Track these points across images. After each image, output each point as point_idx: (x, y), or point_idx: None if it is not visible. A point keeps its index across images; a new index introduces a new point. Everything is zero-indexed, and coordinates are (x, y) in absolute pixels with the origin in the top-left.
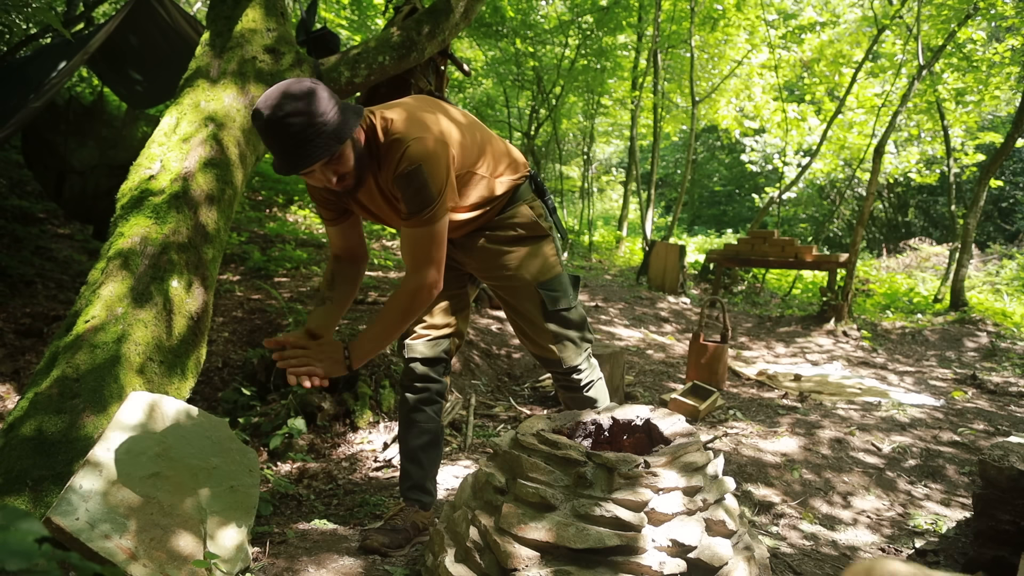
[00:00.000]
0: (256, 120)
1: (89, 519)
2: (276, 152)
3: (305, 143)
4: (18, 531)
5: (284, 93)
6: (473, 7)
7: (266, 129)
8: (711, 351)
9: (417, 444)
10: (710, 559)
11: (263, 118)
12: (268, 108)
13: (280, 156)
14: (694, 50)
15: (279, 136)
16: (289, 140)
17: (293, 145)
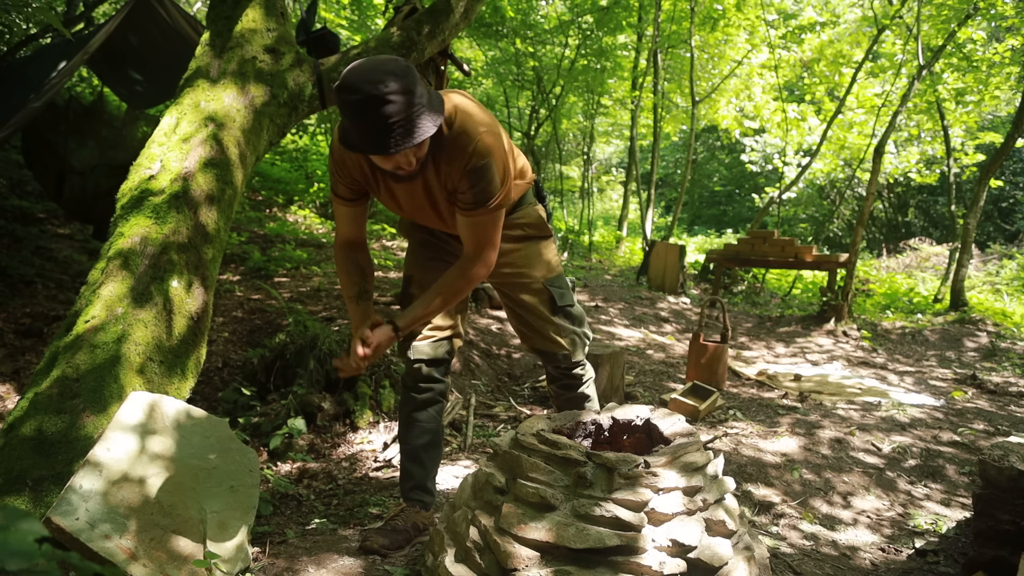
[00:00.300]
0: (351, 94)
1: (89, 519)
2: (370, 130)
3: (407, 123)
4: (18, 531)
5: (383, 70)
6: (473, 7)
7: (365, 105)
8: (711, 351)
9: (419, 444)
10: (710, 559)
11: (363, 93)
12: (368, 83)
13: (376, 135)
14: (694, 50)
15: (378, 114)
16: (389, 119)
17: (393, 125)
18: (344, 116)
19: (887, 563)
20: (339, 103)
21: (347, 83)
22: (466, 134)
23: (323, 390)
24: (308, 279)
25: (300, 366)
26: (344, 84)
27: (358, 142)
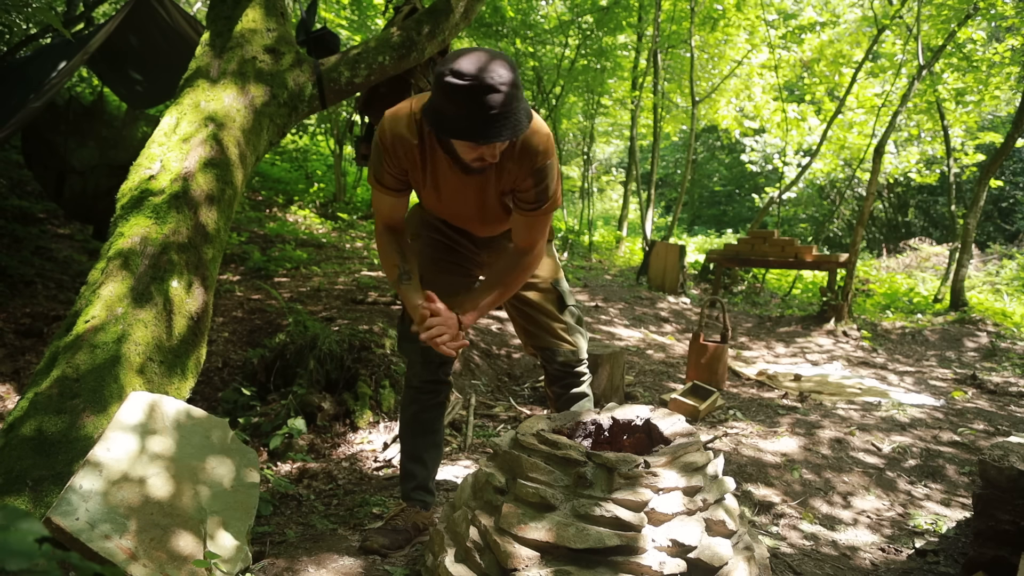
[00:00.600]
0: (462, 79)
1: (89, 519)
2: (475, 117)
3: (511, 115)
4: (18, 531)
5: (496, 60)
6: (473, 7)
7: (476, 92)
8: (711, 351)
9: (423, 444)
10: (710, 559)
11: (476, 79)
12: (482, 71)
13: (480, 122)
14: (694, 50)
15: (486, 102)
16: (495, 108)
17: (498, 115)
18: (447, 100)
19: (887, 563)
20: (444, 87)
21: (459, 68)
22: (537, 135)
23: (323, 390)
24: (308, 279)
25: (300, 366)
26: (455, 69)
27: (460, 127)
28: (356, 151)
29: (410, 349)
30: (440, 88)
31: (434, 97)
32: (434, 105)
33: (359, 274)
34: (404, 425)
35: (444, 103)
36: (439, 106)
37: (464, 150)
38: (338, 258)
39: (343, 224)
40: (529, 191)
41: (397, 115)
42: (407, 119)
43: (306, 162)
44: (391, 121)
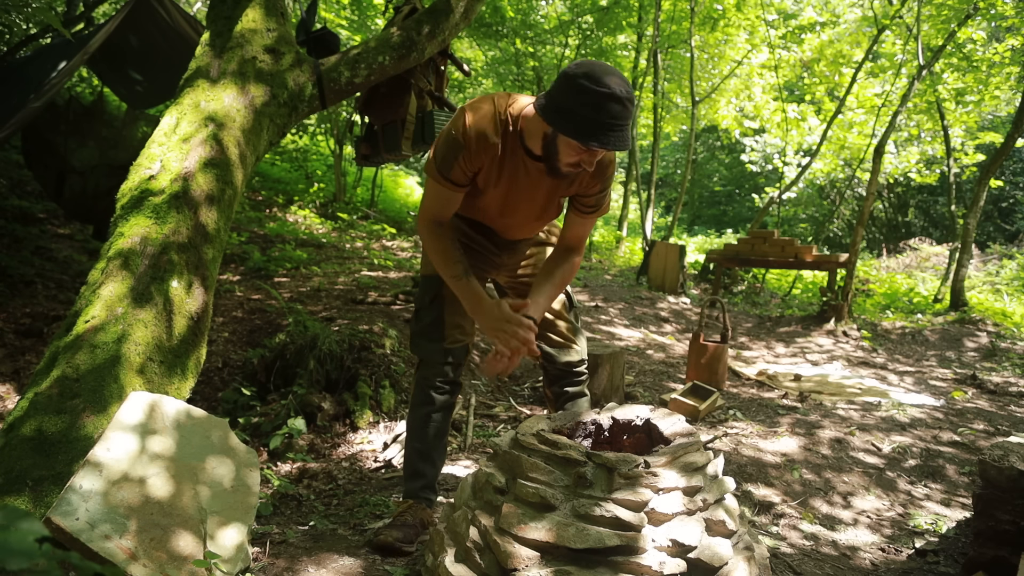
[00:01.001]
0: (612, 88)
1: (89, 519)
2: (612, 126)
3: (628, 127)
4: (18, 531)
5: (620, 75)
6: (473, 7)
7: (628, 106)
8: (711, 351)
9: (433, 445)
10: (710, 559)
11: (627, 96)
12: (623, 85)
13: (621, 131)
14: (694, 50)
15: (625, 113)
16: (626, 120)
17: (623, 126)
18: (581, 104)
19: (887, 563)
20: (588, 94)
21: (598, 76)
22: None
23: (323, 390)
24: (308, 279)
25: (300, 366)
26: (594, 76)
27: (588, 130)
28: (356, 151)
29: (431, 349)
30: (576, 91)
31: (563, 99)
32: (562, 106)
33: (359, 274)
34: (415, 425)
35: (577, 106)
36: (570, 107)
37: (568, 153)
38: (338, 258)
39: (343, 224)
40: (593, 196)
41: (482, 114)
42: (492, 119)
43: (306, 162)
44: (477, 119)
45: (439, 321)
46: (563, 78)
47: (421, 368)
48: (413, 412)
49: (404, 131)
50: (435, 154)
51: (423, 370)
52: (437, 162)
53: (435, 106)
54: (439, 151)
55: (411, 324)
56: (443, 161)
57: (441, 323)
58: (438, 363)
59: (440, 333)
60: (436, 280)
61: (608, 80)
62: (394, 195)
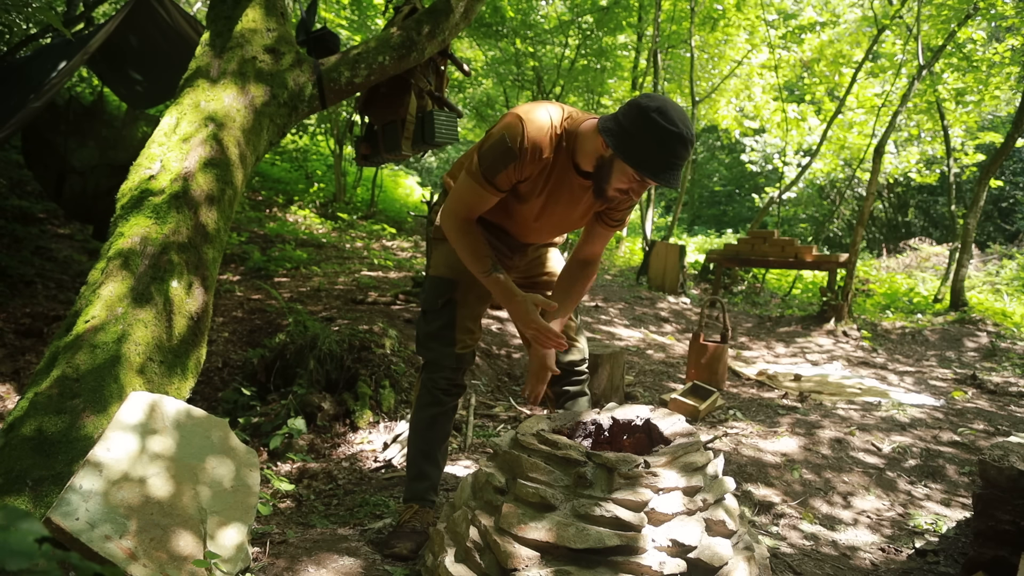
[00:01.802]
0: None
1: (89, 519)
2: (673, 164)
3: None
4: (18, 531)
5: (685, 114)
6: (473, 7)
7: (690, 148)
8: (711, 351)
9: (437, 446)
10: (710, 559)
11: (691, 138)
12: (691, 130)
13: (674, 169)
14: (694, 50)
15: (683, 153)
16: (684, 160)
17: (682, 165)
18: (661, 145)
19: (887, 563)
20: (664, 133)
21: (671, 116)
22: None
23: (323, 390)
24: (308, 279)
25: (300, 366)
26: (668, 115)
27: (652, 165)
28: (356, 151)
29: (441, 353)
30: (650, 127)
31: (633, 129)
32: (630, 135)
33: (359, 274)
34: (421, 426)
35: (648, 141)
36: (640, 140)
37: (621, 180)
38: (338, 258)
39: (343, 224)
40: (623, 211)
41: (539, 127)
42: (549, 133)
43: (306, 162)
44: (536, 131)
45: (451, 325)
46: (636, 109)
47: (427, 370)
48: (418, 413)
49: (404, 131)
50: (482, 157)
51: (430, 372)
52: (484, 166)
53: (435, 106)
54: (488, 155)
55: (418, 326)
56: (491, 166)
57: (453, 327)
58: (446, 367)
59: (452, 337)
60: (448, 283)
61: (679, 121)
62: (394, 195)
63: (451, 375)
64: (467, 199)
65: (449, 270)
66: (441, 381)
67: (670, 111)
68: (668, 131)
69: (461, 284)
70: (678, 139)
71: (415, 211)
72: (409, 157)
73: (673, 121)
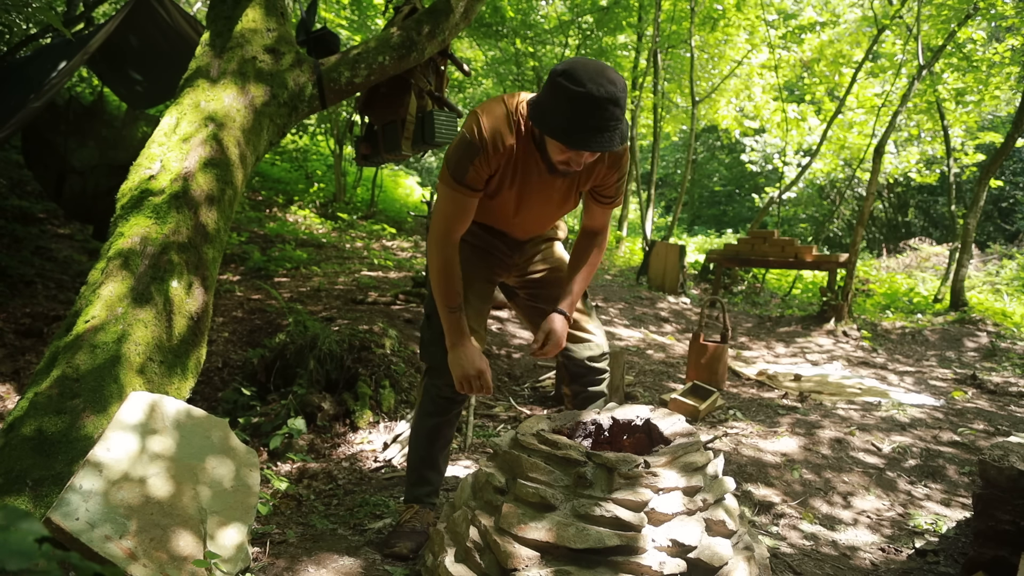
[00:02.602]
0: (596, 88)
1: (89, 519)
2: (597, 126)
3: (619, 127)
4: (18, 531)
5: (613, 73)
6: (473, 7)
7: (612, 104)
8: (711, 351)
9: (439, 453)
10: (710, 559)
11: (606, 96)
12: (609, 82)
13: (607, 132)
14: (694, 50)
15: (610, 113)
16: (616, 119)
17: (616, 124)
18: (561, 105)
19: (887, 563)
20: (570, 95)
21: (579, 77)
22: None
23: (323, 390)
24: (308, 279)
25: (300, 366)
26: (575, 77)
27: (570, 132)
28: (356, 151)
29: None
30: (557, 92)
31: (547, 99)
32: (545, 107)
33: (359, 274)
34: (424, 433)
35: (558, 107)
36: (551, 108)
37: (555, 152)
38: (338, 258)
39: (343, 224)
40: (611, 187)
41: (496, 115)
42: (506, 119)
43: (306, 162)
44: (491, 120)
45: None
46: (549, 77)
47: (430, 375)
48: (420, 421)
49: (404, 131)
50: (448, 161)
51: (433, 378)
52: (451, 168)
53: (435, 106)
54: (452, 157)
55: (422, 330)
56: (457, 166)
57: None
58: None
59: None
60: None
61: (587, 80)
62: (394, 195)
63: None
64: (445, 209)
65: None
66: (444, 388)
67: (577, 72)
68: (573, 92)
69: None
70: (585, 99)
71: (415, 211)
72: (409, 157)
73: (579, 81)
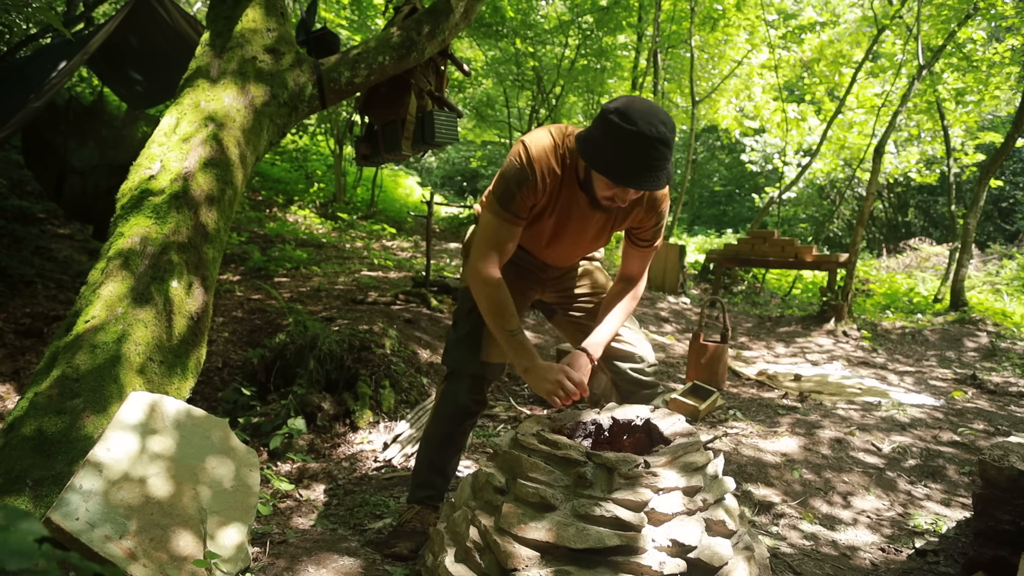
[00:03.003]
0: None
1: (89, 519)
2: (647, 166)
3: (665, 168)
4: (18, 531)
5: (665, 115)
6: (473, 7)
7: (662, 145)
8: (711, 351)
9: (449, 460)
10: (710, 559)
11: (658, 136)
12: (662, 124)
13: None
14: (694, 50)
15: (661, 154)
16: (664, 160)
17: (664, 165)
18: (613, 142)
19: (887, 563)
20: (622, 133)
21: (631, 116)
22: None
23: (323, 390)
24: (308, 279)
25: (300, 366)
26: (627, 115)
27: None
28: (356, 151)
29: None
30: (608, 129)
31: (598, 135)
32: (596, 143)
33: (359, 274)
34: (435, 439)
35: (609, 144)
36: (602, 145)
37: (601, 188)
38: (338, 258)
39: (343, 224)
40: (648, 230)
41: (543, 144)
42: (554, 150)
43: (306, 162)
44: (540, 151)
45: (477, 331)
46: (601, 114)
47: (451, 380)
48: (435, 426)
49: (404, 131)
50: (495, 189)
51: (452, 383)
52: (498, 195)
53: (435, 106)
54: (500, 185)
55: (448, 334)
56: (505, 193)
57: (479, 335)
58: (469, 375)
59: (477, 343)
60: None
61: (640, 120)
62: (394, 195)
63: (471, 387)
64: (490, 236)
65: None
66: (460, 393)
67: (631, 111)
68: (625, 131)
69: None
70: (637, 138)
71: (415, 211)
72: (409, 157)
73: (632, 120)
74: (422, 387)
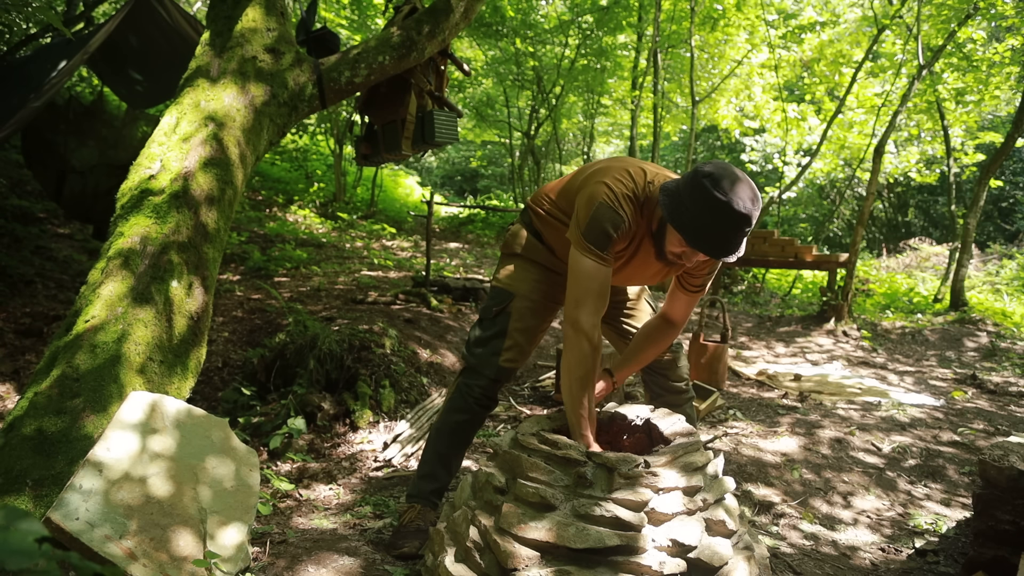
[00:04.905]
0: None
1: (89, 519)
2: (731, 237)
3: (744, 241)
4: (18, 531)
5: (755, 192)
6: (473, 7)
7: (746, 221)
8: (711, 351)
9: (456, 453)
10: (710, 559)
11: (749, 212)
12: (752, 202)
13: (731, 243)
14: (694, 50)
15: (748, 229)
16: (748, 232)
17: (745, 235)
18: (708, 213)
19: (887, 563)
20: (712, 201)
21: (730, 191)
22: None
23: (323, 390)
24: (308, 279)
25: (300, 366)
26: (727, 189)
27: (703, 238)
28: (356, 151)
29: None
30: (698, 193)
31: (686, 196)
32: (683, 203)
33: (359, 274)
34: (445, 429)
35: (695, 206)
36: (689, 206)
37: (673, 244)
38: (338, 258)
39: (343, 224)
40: (701, 277)
41: (629, 188)
42: (634, 195)
43: (306, 162)
44: (627, 202)
45: (501, 335)
46: (693, 175)
47: (466, 375)
48: (446, 416)
49: (404, 131)
50: (588, 234)
51: (468, 378)
52: (593, 239)
53: (435, 106)
54: (594, 229)
55: (471, 331)
56: (602, 236)
57: (503, 338)
58: (485, 375)
59: (499, 347)
60: (505, 294)
61: (730, 190)
62: (394, 195)
63: (485, 385)
64: (591, 286)
65: (509, 282)
66: (476, 389)
67: (723, 179)
68: (716, 200)
69: (519, 298)
70: (726, 210)
71: (415, 211)
72: (409, 157)
73: (724, 191)
74: (422, 387)
